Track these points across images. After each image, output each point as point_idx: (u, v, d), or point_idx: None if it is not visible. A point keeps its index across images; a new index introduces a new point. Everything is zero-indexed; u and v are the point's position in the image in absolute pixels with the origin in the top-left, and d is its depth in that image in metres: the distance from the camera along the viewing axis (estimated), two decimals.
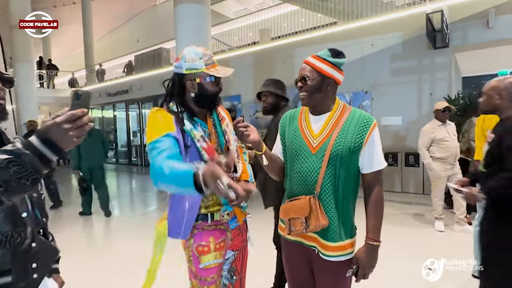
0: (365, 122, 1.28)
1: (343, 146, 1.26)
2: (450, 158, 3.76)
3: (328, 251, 1.28)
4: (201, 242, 1.33)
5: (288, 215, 1.32)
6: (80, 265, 3.18)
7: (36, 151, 0.72)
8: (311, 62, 1.32)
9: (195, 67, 1.29)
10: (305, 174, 1.31)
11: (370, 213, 1.30)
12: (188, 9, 5.89)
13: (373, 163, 1.29)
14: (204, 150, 1.27)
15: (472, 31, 5.63)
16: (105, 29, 18.91)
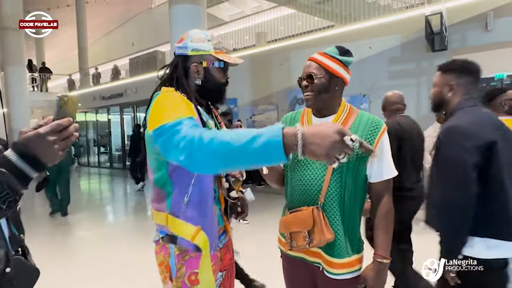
0: (374, 126, 1.17)
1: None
2: None
3: (333, 268, 1.16)
4: (194, 269, 1.09)
5: (289, 228, 1.19)
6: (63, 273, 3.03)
7: (13, 168, 0.61)
8: (318, 59, 1.20)
9: (203, 49, 1.09)
10: (307, 183, 1.19)
11: (379, 227, 1.18)
12: (183, 9, 5.79)
13: (383, 171, 1.19)
14: None
15: (471, 34, 5.60)
16: (99, 32, 18.77)
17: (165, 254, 1.12)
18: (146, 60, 12.12)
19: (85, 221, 5.53)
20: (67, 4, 15.24)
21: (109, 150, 13.82)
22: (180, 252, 1.10)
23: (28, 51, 11.92)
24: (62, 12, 15.89)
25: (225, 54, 1.13)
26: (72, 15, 15.09)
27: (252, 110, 8.61)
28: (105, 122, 14.11)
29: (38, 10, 13.70)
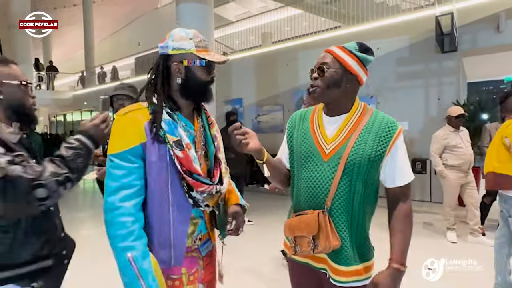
0: (388, 127, 1.09)
1: (362, 154, 1.07)
2: (463, 166, 3.59)
3: (339, 276, 1.09)
4: (171, 275, 1.05)
5: (293, 232, 1.14)
6: None
7: (86, 146, 1.06)
8: (334, 51, 1.11)
9: (183, 47, 1.04)
10: (314, 185, 1.11)
11: (396, 231, 1.09)
12: (190, 8, 5.75)
13: (398, 176, 1.11)
14: (178, 160, 1.00)
15: (482, 35, 5.50)
16: (106, 31, 18.87)
17: None
18: (151, 59, 12.13)
19: (88, 220, 5.53)
20: (73, 3, 15.33)
21: None
22: None
23: (35, 49, 11.98)
24: (69, 11, 16.01)
25: (208, 52, 1.06)
26: (79, 15, 15.19)
27: (258, 111, 8.56)
28: None
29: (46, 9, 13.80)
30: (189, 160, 1.02)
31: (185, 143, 1.02)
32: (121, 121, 1.02)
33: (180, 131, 1.04)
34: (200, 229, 1.13)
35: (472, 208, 3.64)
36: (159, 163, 1.00)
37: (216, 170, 1.13)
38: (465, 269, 2.51)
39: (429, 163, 5.53)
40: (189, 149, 1.03)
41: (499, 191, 2.29)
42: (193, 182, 1.02)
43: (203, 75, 1.07)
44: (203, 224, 1.13)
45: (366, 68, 1.14)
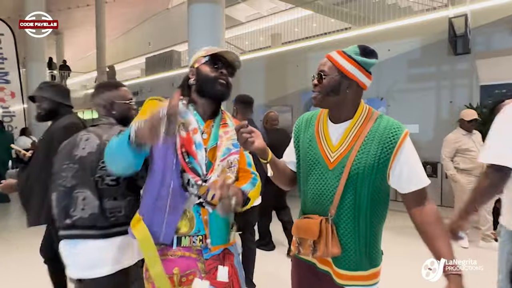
0: (392, 132, 1.05)
1: (365, 163, 1.05)
2: (475, 170, 3.53)
3: (342, 280, 1.10)
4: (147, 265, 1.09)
5: (298, 233, 1.16)
6: None
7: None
8: (333, 57, 1.10)
9: (196, 55, 1.22)
10: (319, 192, 1.12)
11: (436, 237, 1.02)
12: (201, 8, 5.78)
13: (412, 181, 1.06)
14: (180, 139, 1.09)
15: (496, 37, 5.39)
16: (117, 31, 19.11)
17: None
18: (162, 59, 12.25)
19: None
20: (87, 3, 15.57)
21: None
22: None
23: (48, 49, 12.21)
24: (82, 11, 16.27)
25: (214, 51, 1.18)
26: (92, 15, 15.42)
27: (266, 111, 8.57)
28: None
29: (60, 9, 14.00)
30: (190, 142, 1.10)
31: (192, 127, 1.13)
32: (145, 104, 1.17)
33: (190, 117, 1.15)
34: (199, 228, 1.11)
35: (484, 213, 3.57)
36: (167, 144, 1.08)
37: (211, 169, 1.13)
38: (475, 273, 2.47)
39: (440, 167, 5.45)
40: (195, 134, 1.12)
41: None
42: (185, 164, 1.08)
43: (209, 70, 1.17)
44: (200, 222, 1.11)
45: (368, 71, 1.10)
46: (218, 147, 1.15)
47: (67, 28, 18.20)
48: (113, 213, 1.31)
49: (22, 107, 9.30)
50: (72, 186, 1.30)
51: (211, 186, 1.02)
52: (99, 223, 1.28)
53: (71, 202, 1.29)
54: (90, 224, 1.28)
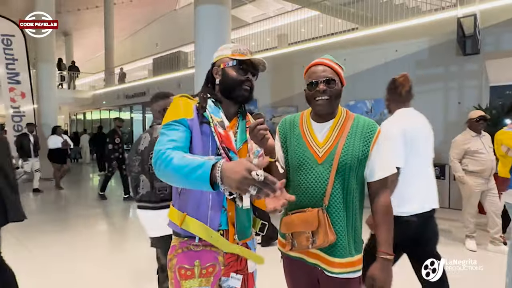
0: (369, 129, 1.23)
1: (352, 154, 1.19)
2: (485, 172, 3.47)
3: (334, 268, 1.18)
4: (183, 264, 1.14)
5: (291, 229, 1.22)
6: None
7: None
8: (332, 65, 1.25)
9: (222, 54, 1.24)
10: (311, 185, 1.22)
11: (380, 224, 1.21)
12: (208, 10, 5.81)
13: (378, 170, 1.23)
14: (219, 136, 1.12)
15: (506, 37, 5.31)
16: (126, 32, 19.32)
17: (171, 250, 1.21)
18: (169, 60, 12.35)
19: (103, 215, 5.66)
20: (96, 5, 15.78)
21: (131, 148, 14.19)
22: (175, 244, 1.18)
23: (57, 50, 12.38)
24: (91, 13, 16.50)
25: (241, 55, 1.21)
26: (100, 16, 15.62)
27: (272, 112, 8.57)
28: (128, 120, 14.48)
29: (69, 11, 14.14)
30: (229, 139, 1.14)
31: (226, 125, 1.17)
32: (176, 100, 1.19)
33: (222, 115, 1.18)
34: (221, 222, 1.15)
35: (493, 215, 3.52)
36: (203, 138, 1.12)
37: None
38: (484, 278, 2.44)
39: (448, 169, 5.38)
40: (229, 131, 1.17)
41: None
42: (228, 160, 1.10)
43: (236, 74, 1.20)
44: (224, 217, 1.16)
45: None
46: (250, 150, 1.19)
47: (76, 29, 18.47)
48: (161, 191, 1.83)
49: (32, 107, 9.45)
50: (138, 172, 1.89)
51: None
52: (152, 198, 1.84)
53: (138, 184, 1.88)
54: (147, 199, 1.87)
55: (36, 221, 4.86)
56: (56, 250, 3.76)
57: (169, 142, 1.05)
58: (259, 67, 1.24)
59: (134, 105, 13.71)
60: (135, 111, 14.00)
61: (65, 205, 6.51)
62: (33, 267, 3.27)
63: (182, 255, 1.15)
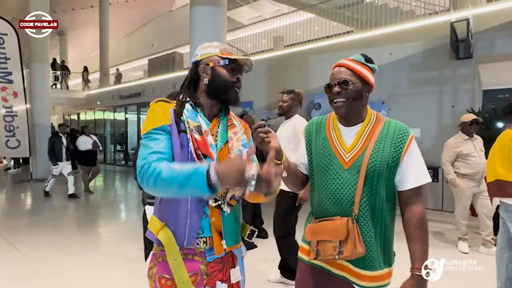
0: (402, 134, 1.15)
1: (381, 161, 1.12)
2: (476, 175, 3.51)
3: (363, 281, 1.11)
4: (164, 274, 1.09)
5: (317, 237, 1.15)
6: None
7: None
8: (350, 65, 1.18)
9: (209, 52, 1.16)
10: (338, 192, 1.15)
11: (413, 237, 1.12)
12: (204, 11, 5.81)
13: (411, 179, 1.14)
14: (194, 143, 1.07)
15: (498, 42, 5.39)
16: (121, 32, 19.23)
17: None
18: (164, 61, 12.30)
19: (100, 218, 5.61)
20: (91, 5, 15.68)
21: (125, 149, 14.12)
22: (155, 252, 1.13)
23: (52, 49, 12.28)
24: (86, 13, 16.39)
25: (230, 54, 1.16)
26: (95, 16, 15.52)
27: (268, 114, 8.57)
28: (123, 121, 14.38)
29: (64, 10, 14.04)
30: (206, 145, 1.09)
31: (203, 130, 1.11)
32: (152, 107, 1.13)
33: (199, 119, 1.13)
34: (203, 228, 1.09)
35: (484, 218, 3.55)
36: (182, 144, 1.07)
37: None
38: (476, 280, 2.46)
39: (441, 171, 5.43)
40: (207, 135, 1.12)
41: (501, 199, 2.34)
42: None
43: (227, 75, 1.14)
44: (206, 223, 1.10)
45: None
46: (231, 149, 1.15)
47: (71, 29, 18.33)
48: None
49: (25, 107, 9.34)
50: None
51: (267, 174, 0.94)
52: None
53: None
54: None
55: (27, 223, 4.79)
56: (49, 252, 3.72)
57: (152, 155, 1.01)
58: (244, 68, 1.20)
59: (129, 106, 13.62)
60: (129, 112, 13.91)
61: (57, 206, 6.43)
62: (25, 270, 3.22)
63: (163, 264, 1.09)
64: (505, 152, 2.27)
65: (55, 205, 6.47)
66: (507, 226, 2.29)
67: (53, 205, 6.46)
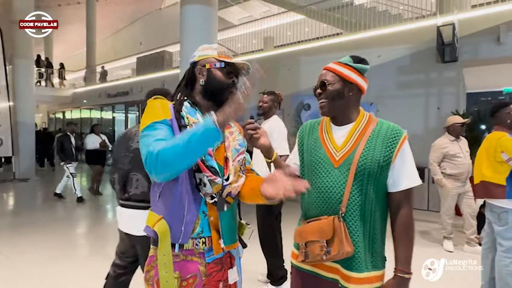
0: (394, 134, 1.14)
1: (372, 159, 1.11)
2: (462, 175, 3.61)
3: (351, 284, 1.10)
4: None
5: (305, 238, 1.15)
6: None
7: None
8: (332, 67, 1.21)
9: (207, 54, 1.19)
10: (327, 191, 1.14)
11: (399, 240, 1.12)
12: (194, 10, 5.77)
13: (402, 181, 1.13)
14: None
15: (482, 46, 5.55)
16: (108, 30, 18.90)
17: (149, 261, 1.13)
18: (153, 59, 12.16)
19: (83, 219, 5.50)
20: (77, 1, 15.36)
21: (111, 149, 13.86)
22: (153, 254, 1.10)
23: (36, 46, 11.95)
24: (73, 9, 16.04)
25: (227, 57, 1.18)
26: (82, 13, 15.21)
27: (254, 112, 8.58)
28: (110, 120, 14.13)
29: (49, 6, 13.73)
30: None
31: None
32: (152, 102, 1.13)
33: (198, 116, 1.13)
34: (202, 228, 1.08)
35: (469, 217, 3.65)
36: None
37: (226, 169, 1.14)
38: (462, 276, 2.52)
39: (427, 172, 5.54)
40: None
41: (486, 200, 2.39)
42: (200, 162, 1.06)
43: (222, 77, 1.16)
44: (205, 223, 1.09)
45: (364, 76, 1.22)
46: (227, 148, 1.16)
47: None
48: None
49: (8, 105, 9.06)
50: (129, 169, 1.79)
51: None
52: (148, 198, 1.69)
53: (128, 181, 1.79)
54: (141, 199, 1.78)
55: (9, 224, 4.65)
56: (34, 254, 3.62)
57: (155, 142, 0.99)
58: (241, 72, 1.21)
59: (116, 105, 13.39)
60: (117, 111, 13.68)
61: (40, 206, 6.27)
62: (9, 273, 3.13)
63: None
64: (491, 153, 2.32)
65: (39, 206, 6.30)
66: (492, 226, 2.35)
67: (37, 206, 6.29)
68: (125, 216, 1.89)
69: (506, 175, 2.23)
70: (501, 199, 2.23)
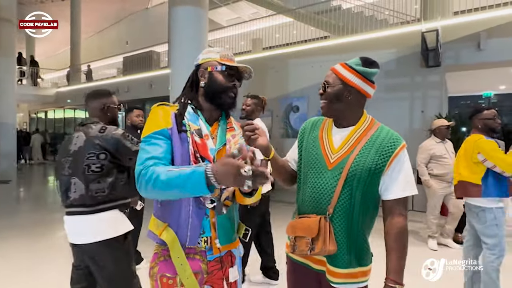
0: (391, 142, 1.14)
1: (363, 166, 1.12)
2: (447, 176, 3.75)
3: (334, 277, 1.15)
4: (165, 273, 1.11)
5: (294, 232, 1.20)
6: None
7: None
8: (335, 69, 1.22)
9: (209, 57, 1.21)
10: (318, 191, 1.18)
11: (391, 249, 1.12)
12: (184, 11, 5.73)
13: (395, 189, 1.13)
14: (194, 145, 1.10)
15: (464, 52, 5.77)
16: (93, 28, 18.51)
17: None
18: (141, 59, 11.99)
19: None
20: None
21: None
22: (157, 251, 1.15)
23: (18, 44, 11.59)
24: (56, 6, 15.63)
25: (230, 61, 1.20)
26: (66, 10, 14.85)
27: (239, 114, 8.59)
28: None
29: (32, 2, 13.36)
30: (205, 147, 1.13)
31: (204, 133, 1.15)
32: (154, 110, 1.16)
33: (200, 123, 1.16)
34: (204, 228, 1.13)
35: (453, 216, 3.84)
36: (182, 149, 1.10)
37: None
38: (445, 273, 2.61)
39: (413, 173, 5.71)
40: (207, 139, 1.15)
41: (465, 199, 2.50)
42: None
43: (223, 80, 1.18)
44: (207, 224, 1.13)
45: (370, 80, 1.20)
46: (228, 151, 1.16)
47: None
48: (98, 193, 1.64)
49: None
50: (69, 174, 1.69)
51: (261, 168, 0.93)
52: (87, 202, 1.64)
53: (69, 187, 1.68)
54: (80, 203, 1.66)
55: None
56: (17, 258, 3.51)
57: (149, 160, 1.03)
58: (244, 75, 1.24)
59: None
60: None
61: (22, 209, 6.08)
62: None
63: (164, 263, 1.12)
64: (468, 154, 2.44)
65: (21, 209, 6.11)
66: (473, 225, 2.46)
67: (19, 209, 6.10)
68: (69, 225, 1.73)
69: (482, 175, 2.35)
70: (478, 198, 2.36)
